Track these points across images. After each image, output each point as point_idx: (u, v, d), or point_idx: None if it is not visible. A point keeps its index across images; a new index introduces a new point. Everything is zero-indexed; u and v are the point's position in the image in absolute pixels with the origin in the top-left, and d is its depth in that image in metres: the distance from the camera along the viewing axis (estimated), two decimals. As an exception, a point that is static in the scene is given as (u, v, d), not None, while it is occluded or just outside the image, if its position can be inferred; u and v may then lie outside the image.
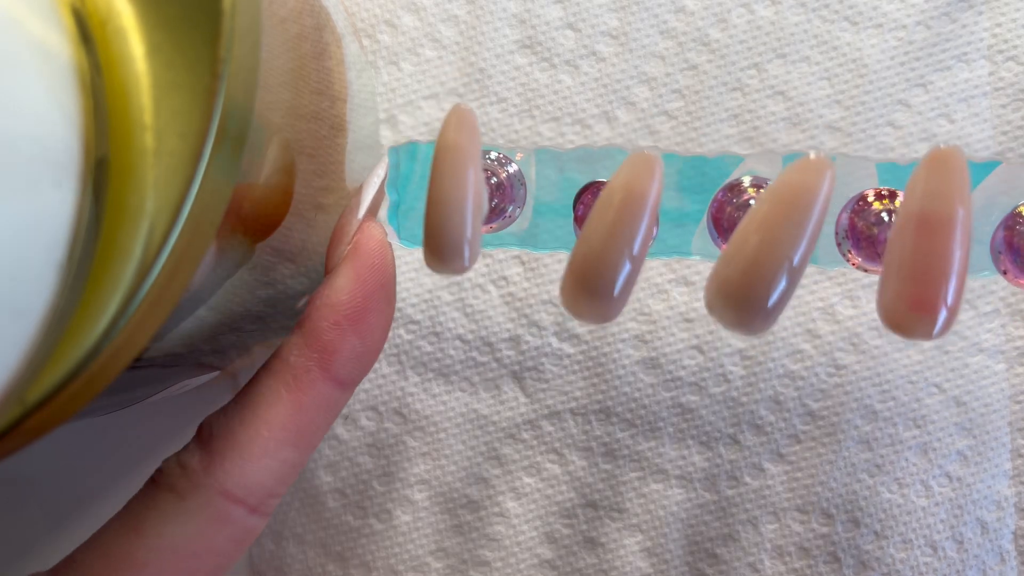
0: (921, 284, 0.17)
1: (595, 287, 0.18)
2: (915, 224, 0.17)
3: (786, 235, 0.17)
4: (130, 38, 0.15)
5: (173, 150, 0.15)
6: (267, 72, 0.18)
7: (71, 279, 0.14)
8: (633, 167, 0.18)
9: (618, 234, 0.18)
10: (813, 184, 0.17)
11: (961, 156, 0.17)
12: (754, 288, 0.17)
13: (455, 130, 0.19)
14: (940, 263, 0.17)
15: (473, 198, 0.19)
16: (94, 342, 0.14)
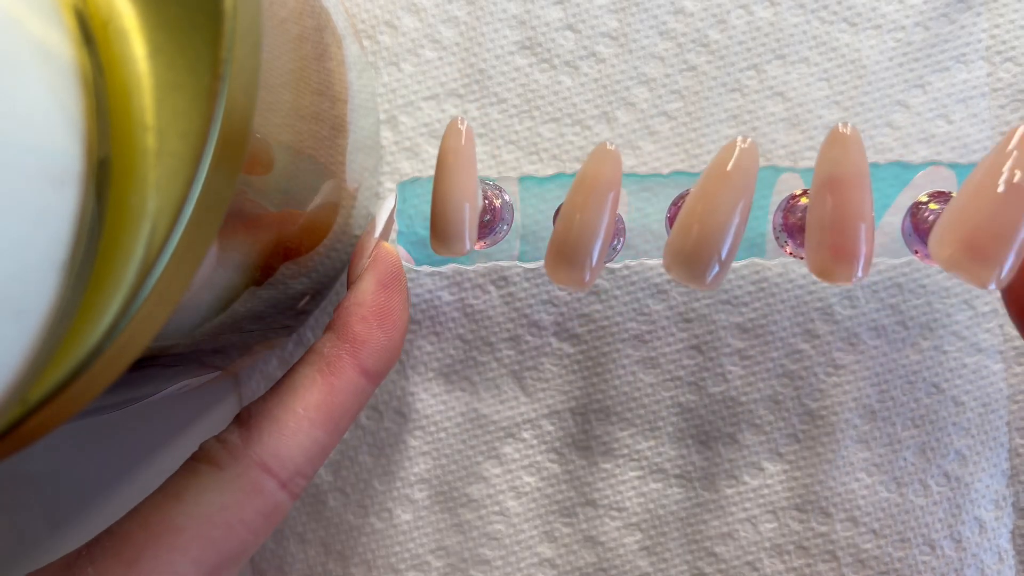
0: (839, 233, 0.21)
1: (573, 257, 0.22)
2: (827, 186, 0.21)
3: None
4: (132, 39, 0.15)
5: (175, 151, 0.15)
6: (268, 73, 0.18)
7: (73, 279, 0.14)
8: (597, 157, 0.22)
9: (589, 211, 0.22)
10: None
11: (856, 132, 0.21)
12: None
13: (454, 137, 0.23)
14: (851, 214, 0.21)
15: (470, 193, 0.23)
16: (96, 342, 0.14)
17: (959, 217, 0.20)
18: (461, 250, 0.24)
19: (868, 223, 0.21)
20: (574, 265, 0.22)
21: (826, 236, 0.21)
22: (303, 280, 0.25)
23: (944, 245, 0.20)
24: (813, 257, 0.21)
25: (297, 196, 0.21)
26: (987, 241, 0.19)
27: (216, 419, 0.30)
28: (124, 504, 0.29)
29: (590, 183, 0.22)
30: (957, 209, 0.20)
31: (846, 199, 0.21)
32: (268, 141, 0.19)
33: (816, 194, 0.21)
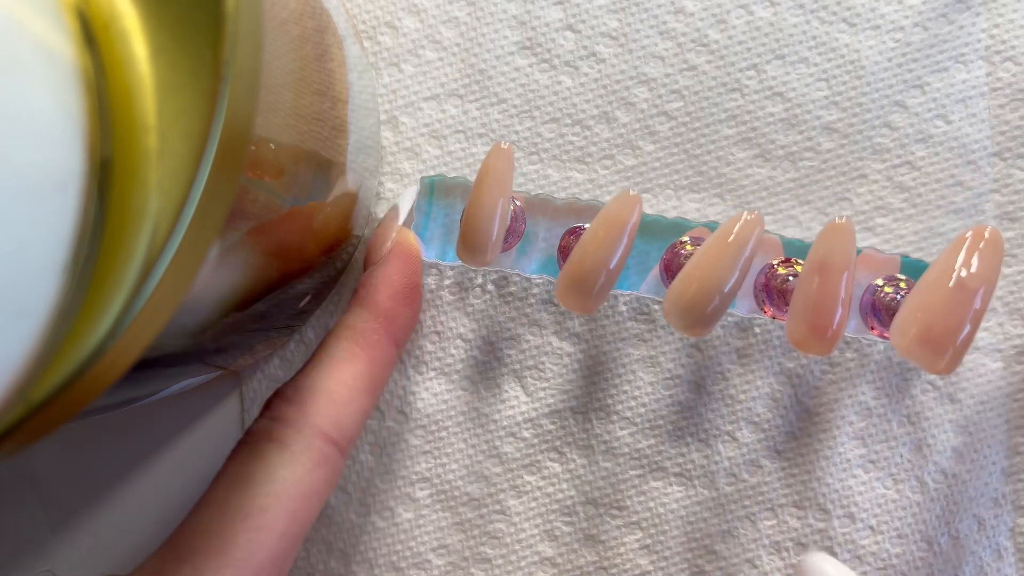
0: (818, 313, 0.23)
1: (582, 287, 0.25)
2: (817, 269, 0.24)
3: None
4: (133, 40, 0.15)
5: (176, 151, 0.15)
6: (269, 74, 0.18)
7: (75, 280, 0.14)
8: (619, 202, 0.25)
9: (603, 251, 0.24)
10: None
11: (850, 225, 0.24)
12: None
13: (496, 158, 0.25)
14: (832, 298, 0.23)
15: (502, 212, 0.25)
16: (98, 342, 0.15)
17: (915, 312, 0.23)
18: (483, 262, 0.26)
19: (845, 308, 0.24)
20: (584, 294, 0.25)
21: (808, 313, 0.24)
22: (304, 280, 0.25)
23: (903, 336, 0.23)
24: (793, 328, 0.24)
25: (298, 197, 0.22)
26: (939, 335, 0.22)
27: (217, 419, 0.30)
28: (124, 504, 0.30)
29: (611, 222, 0.24)
30: (913, 305, 0.23)
31: (831, 284, 0.23)
32: (279, 148, 0.19)
33: (806, 274, 0.24)
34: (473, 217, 0.25)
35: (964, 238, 0.23)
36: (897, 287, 0.26)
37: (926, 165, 0.28)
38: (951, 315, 0.22)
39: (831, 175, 0.28)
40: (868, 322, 0.26)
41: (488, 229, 0.25)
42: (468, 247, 0.26)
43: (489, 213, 0.25)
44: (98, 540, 0.30)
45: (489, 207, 0.25)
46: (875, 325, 0.26)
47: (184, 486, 0.30)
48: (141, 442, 0.30)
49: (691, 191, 0.29)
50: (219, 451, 0.30)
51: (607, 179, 0.29)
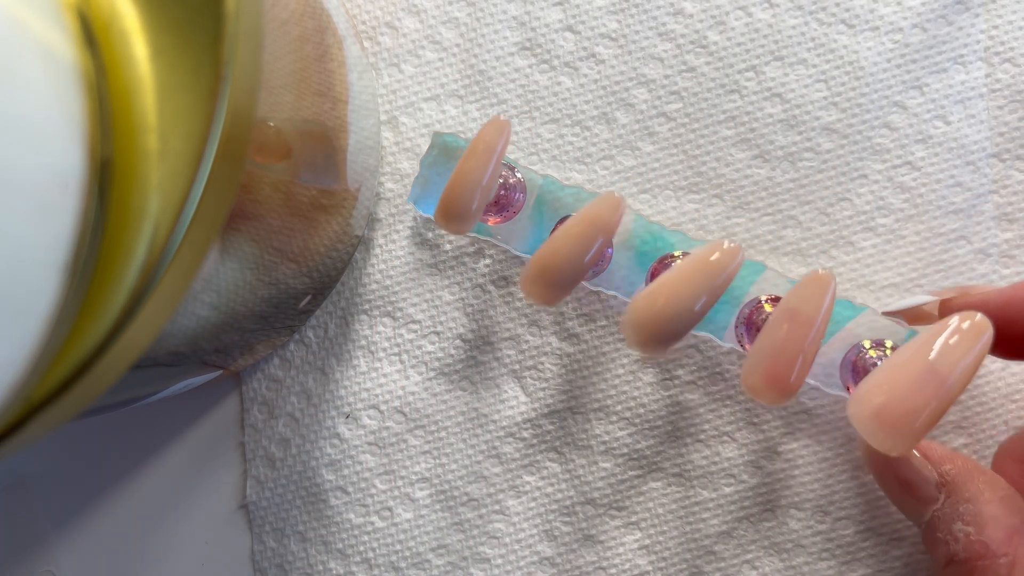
0: (778, 362, 0.23)
1: (548, 279, 0.24)
2: (787, 316, 0.23)
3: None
4: (134, 41, 0.15)
5: (177, 151, 0.15)
6: (269, 74, 0.18)
7: (75, 280, 0.14)
8: (602, 203, 0.24)
9: (576, 248, 0.24)
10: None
11: (833, 280, 0.23)
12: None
13: (490, 129, 0.25)
14: (796, 349, 0.23)
15: (486, 183, 0.25)
16: (98, 342, 0.15)
17: (880, 386, 0.22)
18: (460, 230, 0.26)
19: (807, 362, 0.23)
20: (549, 286, 0.25)
21: (766, 360, 0.23)
22: (304, 280, 0.26)
23: (860, 407, 0.22)
24: (748, 373, 0.24)
25: (299, 196, 0.22)
26: (898, 416, 0.21)
27: (217, 419, 0.30)
28: (124, 504, 0.30)
29: (590, 221, 0.24)
30: (879, 379, 0.22)
31: (799, 335, 0.23)
32: (279, 148, 0.19)
33: (774, 320, 0.23)
34: (455, 184, 0.25)
35: (944, 325, 0.22)
36: (883, 353, 0.25)
37: (926, 165, 0.28)
38: (913, 397, 0.21)
39: (831, 175, 0.29)
40: (843, 379, 0.26)
41: (468, 198, 0.25)
42: (446, 213, 0.25)
43: (472, 181, 0.25)
44: (98, 540, 0.30)
45: (473, 176, 0.25)
46: (849, 384, 0.26)
47: (184, 486, 0.30)
48: (141, 442, 0.30)
49: (690, 192, 0.29)
50: (218, 451, 0.30)
51: (606, 179, 0.29)
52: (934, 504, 0.23)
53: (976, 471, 0.23)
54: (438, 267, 0.29)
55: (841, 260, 0.28)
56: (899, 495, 0.24)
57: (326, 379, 0.29)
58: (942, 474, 0.23)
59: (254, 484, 0.29)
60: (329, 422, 0.29)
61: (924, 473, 0.24)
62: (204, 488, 0.30)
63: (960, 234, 0.28)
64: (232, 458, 0.30)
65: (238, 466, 0.30)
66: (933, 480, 0.23)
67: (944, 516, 0.23)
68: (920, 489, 0.24)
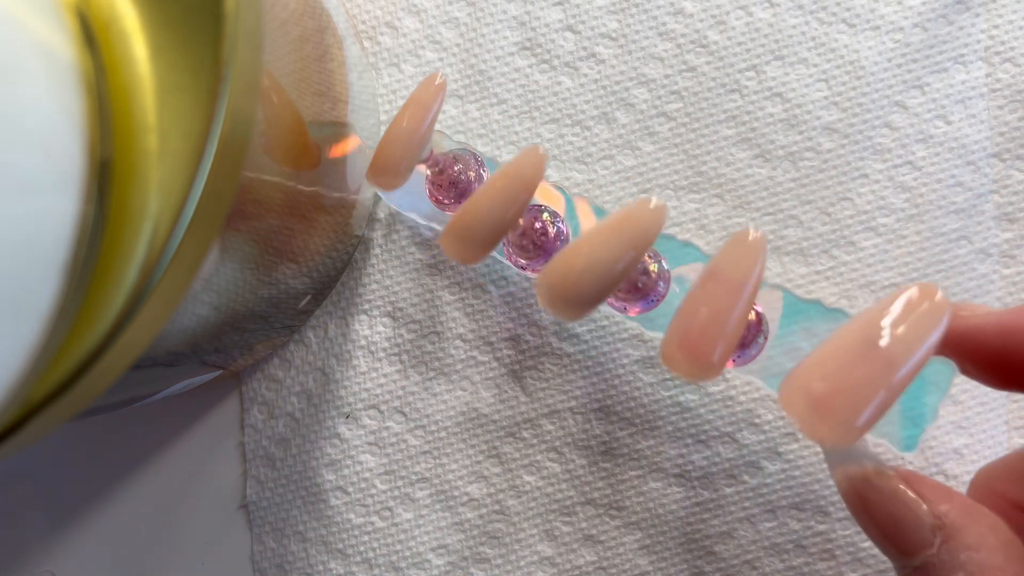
0: (696, 330, 0.20)
1: (467, 235, 0.24)
2: (708, 279, 0.20)
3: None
4: (133, 40, 0.15)
5: (176, 151, 0.15)
6: (271, 73, 0.18)
7: (75, 280, 0.14)
8: (524, 158, 0.23)
9: (497, 204, 0.23)
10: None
11: (761, 241, 0.20)
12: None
13: (425, 89, 0.25)
14: (718, 317, 0.20)
15: (419, 138, 0.25)
16: (97, 342, 0.15)
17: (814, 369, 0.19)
18: (389, 185, 0.25)
19: (733, 333, 0.20)
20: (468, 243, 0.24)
21: (685, 329, 0.21)
22: (304, 280, 0.26)
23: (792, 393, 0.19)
24: (665, 340, 0.21)
25: (298, 196, 0.22)
26: (841, 402, 0.18)
27: (217, 419, 0.30)
28: (124, 504, 0.30)
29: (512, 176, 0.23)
30: (815, 360, 0.19)
31: (722, 301, 0.20)
32: (280, 147, 0.19)
33: (698, 284, 0.21)
34: (386, 140, 0.25)
35: (901, 294, 0.19)
36: None
37: (927, 165, 0.28)
38: (859, 382, 0.18)
39: (832, 175, 0.28)
40: None
41: (397, 153, 0.25)
42: (378, 167, 0.25)
43: (404, 138, 0.25)
44: (98, 540, 0.30)
45: (403, 133, 0.25)
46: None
47: (184, 486, 0.30)
48: (141, 442, 0.30)
49: (691, 191, 0.29)
50: (218, 451, 0.30)
51: (607, 179, 0.29)
52: (928, 549, 0.20)
53: (979, 513, 0.21)
54: (438, 267, 0.29)
55: (842, 260, 0.28)
56: (883, 536, 0.21)
57: (326, 379, 0.29)
58: (938, 516, 0.20)
59: (254, 484, 0.29)
60: (329, 422, 0.29)
61: (918, 514, 0.20)
62: (204, 488, 0.30)
63: (961, 234, 0.28)
64: (232, 458, 0.30)
65: (238, 466, 0.30)
66: (928, 523, 0.20)
67: (941, 564, 0.20)
68: (912, 532, 0.20)
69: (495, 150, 0.29)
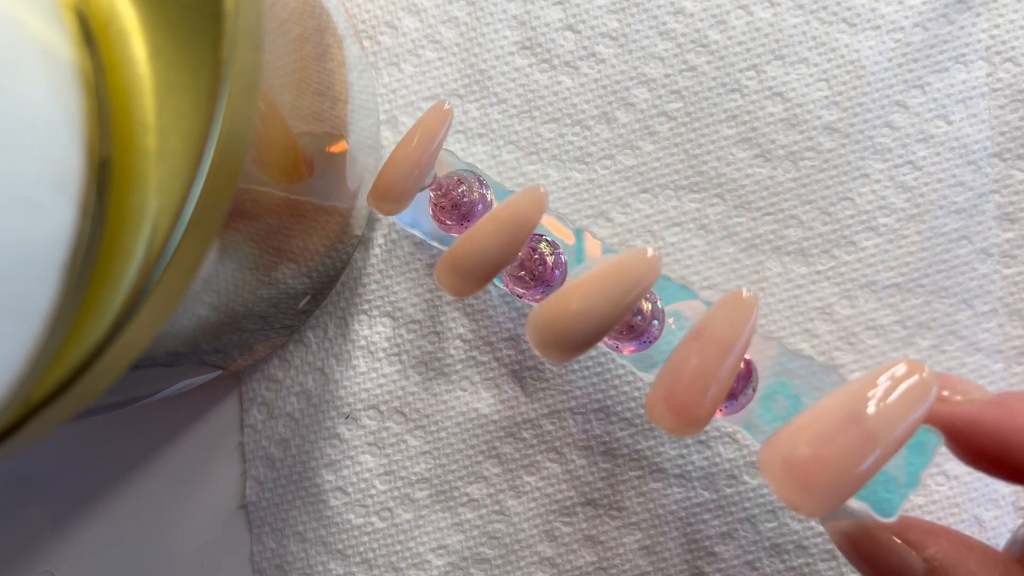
0: (683, 389, 0.20)
1: (462, 271, 0.24)
2: (695, 338, 0.20)
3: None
4: (133, 40, 0.15)
5: (175, 151, 0.15)
6: (269, 74, 0.18)
7: (74, 280, 0.14)
8: (525, 196, 0.23)
9: (494, 240, 0.23)
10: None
11: (753, 303, 0.20)
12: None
13: (433, 116, 0.24)
14: (707, 376, 0.20)
15: (423, 166, 0.24)
16: (97, 342, 0.15)
17: (797, 432, 0.19)
18: (389, 211, 0.25)
19: (719, 391, 0.20)
20: (460, 279, 0.24)
21: (670, 385, 0.21)
22: (303, 280, 0.25)
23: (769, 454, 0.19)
24: (650, 396, 0.21)
25: (297, 196, 0.22)
26: (818, 474, 0.18)
27: (216, 419, 0.30)
28: (124, 504, 0.30)
29: (507, 216, 0.23)
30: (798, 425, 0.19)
31: (709, 361, 0.20)
32: (279, 147, 0.19)
33: (685, 341, 0.21)
34: (390, 166, 0.25)
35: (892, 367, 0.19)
36: None
37: (928, 165, 0.28)
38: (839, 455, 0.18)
39: (832, 174, 0.28)
40: None
41: (401, 180, 0.25)
42: (379, 193, 0.25)
43: (407, 166, 0.24)
44: (98, 540, 0.30)
45: (408, 158, 0.24)
46: None
47: (183, 486, 0.30)
48: (141, 442, 0.30)
49: (691, 191, 0.29)
50: (218, 451, 0.30)
51: (607, 179, 0.29)
52: None
53: (966, 549, 0.21)
54: (438, 267, 0.29)
55: (843, 260, 0.28)
56: None
57: (325, 379, 0.29)
58: (929, 559, 0.20)
59: (254, 484, 0.29)
60: (329, 422, 0.29)
61: (909, 561, 0.21)
62: (203, 488, 0.30)
63: (962, 234, 0.28)
64: (231, 458, 0.30)
65: (237, 466, 0.30)
66: (920, 568, 0.20)
67: None
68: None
69: (495, 150, 0.29)
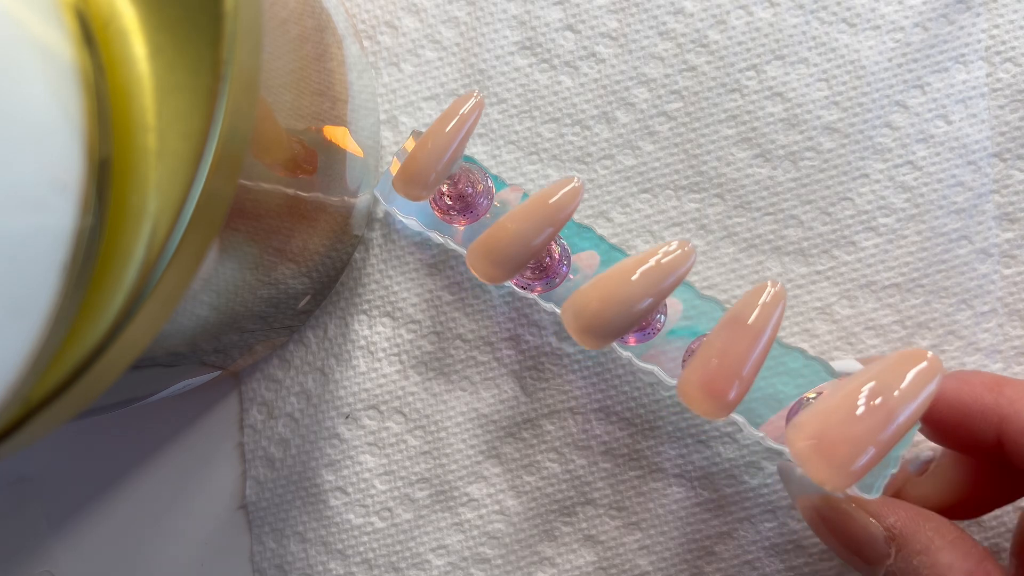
0: (718, 372, 0.22)
1: (496, 259, 0.24)
2: (730, 324, 0.22)
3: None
4: (132, 40, 0.15)
5: (175, 151, 0.15)
6: (268, 74, 0.18)
7: (74, 279, 0.14)
8: (559, 186, 0.24)
9: (527, 229, 0.24)
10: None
11: (783, 293, 0.22)
12: None
13: (466, 104, 0.24)
14: (739, 361, 0.22)
15: (452, 153, 0.25)
16: (97, 342, 0.15)
17: (819, 416, 0.20)
18: (416, 196, 0.25)
19: (749, 375, 0.22)
20: (493, 266, 0.25)
21: (705, 368, 0.22)
22: (303, 280, 0.25)
23: (800, 433, 0.20)
24: (685, 379, 0.23)
25: (297, 196, 0.22)
26: (840, 448, 0.20)
27: (216, 419, 0.30)
28: (124, 504, 0.30)
29: (540, 205, 0.24)
30: (820, 408, 0.21)
31: (742, 345, 0.22)
32: (279, 147, 0.19)
33: (719, 327, 0.22)
34: (419, 149, 0.25)
35: (905, 355, 0.20)
36: None
37: (927, 165, 0.28)
38: (857, 431, 0.20)
39: (832, 174, 0.28)
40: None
41: (429, 165, 0.25)
42: (406, 178, 0.25)
43: (439, 152, 0.25)
44: (97, 541, 0.30)
45: (437, 145, 0.25)
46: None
47: (183, 487, 0.30)
48: (141, 442, 0.30)
49: (691, 191, 0.29)
50: (218, 451, 0.30)
51: (607, 179, 0.29)
52: (887, 560, 0.22)
53: (921, 518, 0.23)
54: (438, 267, 0.29)
55: (843, 260, 0.28)
56: (848, 555, 0.23)
57: (325, 379, 0.29)
58: (889, 528, 0.22)
59: (253, 484, 0.29)
60: (329, 423, 0.29)
61: (871, 530, 0.23)
62: (203, 489, 0.30)
63: (962, 234, 0.28)
64: (231, 459, 0.30)
65: (237, 467, 0.30)
66: (881, 535, 0.22)
67: (899, 571, 0.22)
68: (870, 547, 0.23)
69: (495, 149, 0.29)
